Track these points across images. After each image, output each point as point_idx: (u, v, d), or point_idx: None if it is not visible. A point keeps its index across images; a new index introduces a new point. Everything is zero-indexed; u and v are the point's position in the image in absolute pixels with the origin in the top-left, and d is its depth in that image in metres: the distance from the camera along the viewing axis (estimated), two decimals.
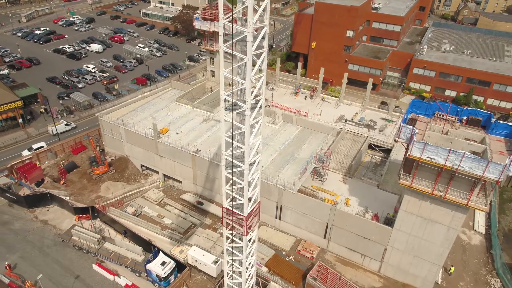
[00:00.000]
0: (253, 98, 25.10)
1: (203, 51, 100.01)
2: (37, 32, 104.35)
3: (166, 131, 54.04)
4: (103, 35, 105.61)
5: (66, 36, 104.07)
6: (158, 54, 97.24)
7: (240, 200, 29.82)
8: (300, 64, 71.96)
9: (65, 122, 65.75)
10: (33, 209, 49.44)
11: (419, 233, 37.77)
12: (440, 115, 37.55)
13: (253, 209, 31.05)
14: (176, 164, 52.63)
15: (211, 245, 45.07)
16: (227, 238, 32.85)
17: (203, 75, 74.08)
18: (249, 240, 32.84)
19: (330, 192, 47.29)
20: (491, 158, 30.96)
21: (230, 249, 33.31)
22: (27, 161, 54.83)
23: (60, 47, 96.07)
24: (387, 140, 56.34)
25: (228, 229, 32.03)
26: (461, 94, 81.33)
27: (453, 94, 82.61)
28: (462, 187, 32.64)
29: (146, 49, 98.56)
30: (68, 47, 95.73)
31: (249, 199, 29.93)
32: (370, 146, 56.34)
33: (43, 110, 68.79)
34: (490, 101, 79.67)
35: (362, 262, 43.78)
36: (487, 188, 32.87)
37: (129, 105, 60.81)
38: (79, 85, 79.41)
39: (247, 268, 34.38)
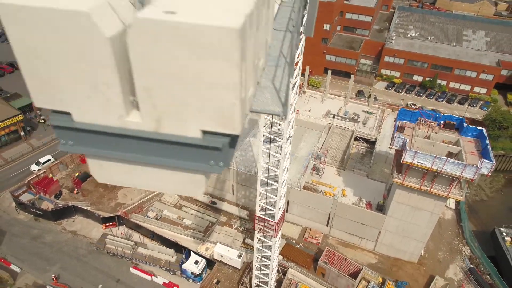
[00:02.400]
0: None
1: None
2: None
3: None
4: None
5: None
6: None
7: (271, 210, 36.25)
8: None
9: None
10: (59, 221, 53.28)
11: (408, 218, 46.08)
12: (422, 120, 45.06)
13: (281, 216, 37.63)
14: None
15: (230, 240, 51.49)
16: (258, 239, 39.48)
17: None
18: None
19: (328, 185, 54.59)
20: (466, 160, 38.92)
21: (260, 247, 40.06)
22: (42, 175, 57.76)
23: None
24: (370, 132, 64.02)
25: (259, 232, 38.64)
26: (427, 79, 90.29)
27: (420, 79, 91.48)
28: (443, 182, 40.75)
29: None
30: None
31: (279, 208, 36.44)
32: (356, 138, 63.83)
33: (42, 121, 70.29)
34: (452, 84, 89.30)
35: (359, 243, 52.03)
36: (462, 182, 41.20)
37: None
38: None
39: (273, 261, 41.31)
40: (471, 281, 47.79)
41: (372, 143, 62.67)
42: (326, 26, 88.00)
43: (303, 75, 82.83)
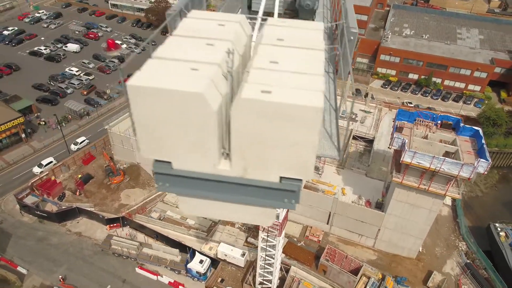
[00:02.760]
0: None
1: None
2: (6, 32, 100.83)
3: None
4: (76, 32, 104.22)
5: (42, 38, 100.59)
6: (137, 50, 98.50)
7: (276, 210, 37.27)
8: None
9: None
10: (63, 223, 53.90)
11: (407, 215, 47.39)
12: (420, 121, 46.26)
13: (285, 215, 38.67)
14: None
15: (233, 239, 52.51)
16: (262, 238, 40.52)
17: None
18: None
19: (328, 183, 55.72)
20: (463, 159, 40.19)
21: (264, 246, 41.11)
22: (45, 178, 58.27)
23: (36, 48, 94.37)
24: (368, 131, 65.23)
25: (263, 232, 39.68)
26: (422, 77, 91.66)
27: (415, 77, 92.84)
28: (441, 181, 42.03)
29: (124, 45, 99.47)
30: (44, 49, 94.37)
31: (283, 208, 37.49)
32: (354, 137, 64.99)
33: (43, 122, 70.58)
34: (447, 82, 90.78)
35: (359, 240, 53.32)
36: (459, 181, 42.50)
37: None
38: (68, 91, 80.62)
39: (276, 260, 42.41)
40: (467, 276, 49.30)
41: (370, 141, 63.87)
42: None
43: None
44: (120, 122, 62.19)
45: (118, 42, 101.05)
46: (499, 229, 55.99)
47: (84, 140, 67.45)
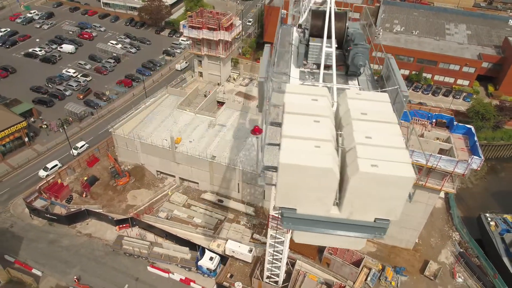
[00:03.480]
0: None
1: (176, 43, 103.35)
2: None
3: (180, 140, 60.79)
4: (70, 32, 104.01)
5: (37, 40, 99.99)
6: (133, 50, 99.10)
7: None
8: None
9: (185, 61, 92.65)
10: (73, 225, 55.30)
11: (404, 209, 49.66)
12: (416, 119, 48.81)
13: None
14: (193, 169, 60.20)
15: (240, 236, 54.66)
16: (271, 235, 42.72)
17: (192, 77, 79.68)
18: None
19: None
20: (457, 156, 42.90)
21: (273, 243, 43.37)
22: (51, 181, 59.40)
23: (31, 50, 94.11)
24: None
25: (272, 229, 41.86)
26: (413, 72, 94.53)
27: (407, 72, 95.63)
28: (437, 177, 44.75)
29: (119, 45, 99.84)
30: (39, 50, 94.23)
31: None
32: None
33: (45, 125, 71.28)
34: (437, 77, 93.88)
35: None
36: (454, 176, 45.26)
37: (136, 116, 65.68)
38: (67, 93, 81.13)
39: (284, 255, 44.72)
40: (461, 264, 52.47)
41: None
42: None
43: None
44: (124, 124, 63.46)
45: (113, 42, 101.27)
46: (489, 219, 59.30)
47: (84, 145, 68.17)
